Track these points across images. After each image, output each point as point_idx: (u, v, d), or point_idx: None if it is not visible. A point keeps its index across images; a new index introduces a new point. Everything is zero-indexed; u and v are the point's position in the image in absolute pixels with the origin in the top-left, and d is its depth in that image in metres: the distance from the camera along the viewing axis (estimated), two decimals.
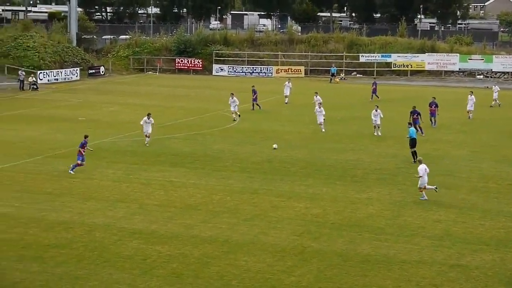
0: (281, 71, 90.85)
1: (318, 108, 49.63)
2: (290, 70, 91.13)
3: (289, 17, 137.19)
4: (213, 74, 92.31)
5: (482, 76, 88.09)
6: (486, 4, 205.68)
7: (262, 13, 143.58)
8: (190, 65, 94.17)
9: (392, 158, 40.23)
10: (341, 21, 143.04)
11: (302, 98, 62.21)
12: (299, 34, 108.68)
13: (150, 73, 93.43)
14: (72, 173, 35.39)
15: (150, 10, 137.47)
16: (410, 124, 41.60)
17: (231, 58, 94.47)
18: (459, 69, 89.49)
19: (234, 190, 32.89)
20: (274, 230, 26.92)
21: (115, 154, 40.66)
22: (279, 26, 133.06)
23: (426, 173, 31.14)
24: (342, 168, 37.74)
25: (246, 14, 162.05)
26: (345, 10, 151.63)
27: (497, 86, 64.84)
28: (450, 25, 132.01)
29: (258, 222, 27.96)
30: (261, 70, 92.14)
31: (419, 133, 44.87)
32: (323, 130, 48.28)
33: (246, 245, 25.23)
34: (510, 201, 31.62)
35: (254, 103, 59.16)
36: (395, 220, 28.48)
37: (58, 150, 41.66)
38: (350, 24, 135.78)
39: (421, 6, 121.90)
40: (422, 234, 26.66)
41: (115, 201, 30.86)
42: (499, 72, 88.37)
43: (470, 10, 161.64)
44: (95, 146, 39.79)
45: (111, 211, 29.29)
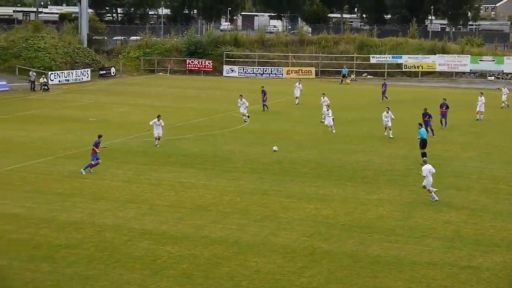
0: (291, 72, 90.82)
1: (326, 110, 49.66)
2: (300, 71, 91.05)
3: (299, 18, 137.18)
4: (223, 75, 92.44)
5: (493, 77, 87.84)
6: (497, 5, 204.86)
7: (273, 14, 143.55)
8: (201, 66, 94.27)
9: (402, 159, 40.15)
10: (351, 22, 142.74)
11: (313, 99, 62.09)
12: (310, 35, 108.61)
13: (160, 74, 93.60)
14: (83, 173, 35.52)
15: (160, 11, 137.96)
16: (420, 125, 41.45)
17: (242, 59, 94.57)
18: (470, 70, 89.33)
19: (245, 191, 32.89)
20: (284, 231, 26.90)
21: (126, 155, 40.74)
22: (290, 27, 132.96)
23: (430, 173, 31.02)
24: (352, 169, 37.68)
25: (257, 15, 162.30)
26: (355, 11, 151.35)
27: (506, 89, 64.43)
28: (461, 26, 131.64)
29: (268, 223, 27.95)
30: (271, 71, 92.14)
31: (430, 134, 44.80)
32: (334, 131, 48.25)
33: (256, 246, 25.22)
34: None
35: (263, 104, 59.29)
36: (406, 221, 28.42)
37: (69, 150, 41.80)
38: (360, 25, 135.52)
39: (431, 7, 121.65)
40: (432, 236, 26.58)
41: (126, 201, 30.92)
42: (510, 73, 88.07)
43: (481, 11, 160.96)
44: (104, 148, 39.81)
45: (122, 212, 29.34)
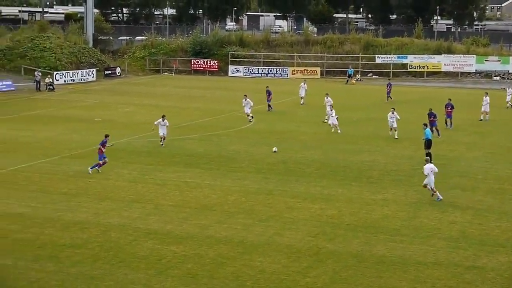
0: (296, 72, 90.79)
1: (330, 110, 49.63)
2: (306, 71, 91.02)
3: (305, 18, 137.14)
4: (228, 75, 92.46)
5: (498, 77, 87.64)
6: (503, 5, 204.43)
7: (278, 14, 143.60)
8: (206, 66, 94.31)
9: (408, 160, 40.09)
10: (357, 22, 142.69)
11: (318, 99, 61.97)
12: (315, 35, 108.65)
13: (166, 74, 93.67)
14: (90, 172, 35.56)
15: (166, 11, 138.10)
16: (425, 125, 41.34)
17: (247, 59, 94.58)
18: (476, 70, 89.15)
19: (249, 191, 32.88)
20: (289, 231, 26.88)
21: (131, 155, 40.77)
22: (295, 27, 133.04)
23: (432, 172, 30.95)
24: (357, 169, 37.64)
25: (262, 15, 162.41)
26: (361, 11, 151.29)
27: (510, 89, 64.09)
28: (466, 26, 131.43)
29: (273, 223, 27.94)
30: (276, 71, 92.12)
31: (436, 135, 44.74)
32: (339, 131, 48.21)
33: (261, 246, 25.21)
34: None
35: (268, 104, 59.27)
36: (411, 221, 28.37)
37: (74, 150, 41.85)
38: (366, 25, 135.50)
39: (437, 7, 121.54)
40: (437, 236, 26.53)
41: (131, 201, 30.94)
42: None
43: (487, 11, 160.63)
44: (111, 147, 39.88)
45: (127, 212, 29.36)
